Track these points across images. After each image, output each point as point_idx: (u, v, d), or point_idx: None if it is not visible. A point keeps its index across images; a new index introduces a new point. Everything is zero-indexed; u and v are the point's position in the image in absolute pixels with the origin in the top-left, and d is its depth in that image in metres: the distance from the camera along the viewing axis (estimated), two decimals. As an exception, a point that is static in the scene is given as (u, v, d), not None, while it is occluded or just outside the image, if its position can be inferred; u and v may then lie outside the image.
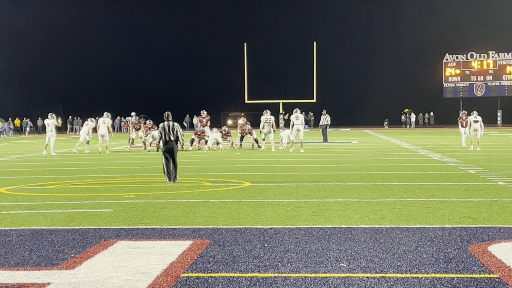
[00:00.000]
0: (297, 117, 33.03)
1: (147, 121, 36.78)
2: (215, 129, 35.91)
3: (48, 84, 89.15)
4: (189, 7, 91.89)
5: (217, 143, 35.17)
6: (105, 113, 35.26)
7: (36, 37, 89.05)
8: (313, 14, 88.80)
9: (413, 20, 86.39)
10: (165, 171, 18.26)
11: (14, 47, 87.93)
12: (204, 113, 37.41)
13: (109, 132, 34.28)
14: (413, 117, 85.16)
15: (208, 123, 37.26)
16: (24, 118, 78.40)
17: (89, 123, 35.29)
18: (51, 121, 33.17)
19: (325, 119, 43.21)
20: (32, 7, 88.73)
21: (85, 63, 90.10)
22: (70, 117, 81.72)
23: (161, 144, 18.48)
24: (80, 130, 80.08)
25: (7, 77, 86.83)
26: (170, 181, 18.06)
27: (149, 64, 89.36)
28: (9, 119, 76.74)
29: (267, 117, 34.08)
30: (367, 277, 7.54)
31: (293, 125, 32.93)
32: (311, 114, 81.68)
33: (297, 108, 34.28)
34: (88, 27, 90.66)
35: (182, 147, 19.55)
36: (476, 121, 32.17)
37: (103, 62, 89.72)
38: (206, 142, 35.59)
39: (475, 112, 32.72)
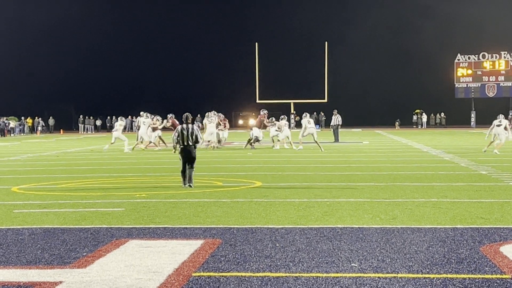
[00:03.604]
0: (309, 121, 33.63)
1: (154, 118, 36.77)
2: (214, 117, 35.55)
3: (60, 84, 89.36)
4: (200, 6, 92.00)
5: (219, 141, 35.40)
6: (144, 114, 36.02)
7: (48, 36, 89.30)
8: (324, 13, 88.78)
9: (425, 19, 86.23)
10: (182, 174, 17.02)
11: (26, 46, 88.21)
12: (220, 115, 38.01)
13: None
14: (424, 118, 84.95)
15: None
16: (36, 118, 78.63)
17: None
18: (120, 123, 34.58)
19: (336, 119, 43.17)
20: (44, 5, 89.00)
21: (96, 62, 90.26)
22: (81, 116, 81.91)
23: (177, 147, 17.28)
24: (90, 129, 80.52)
25: (19, 77, 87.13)
26: (185, 185, 16.79)
27: (160, 64, 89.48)
28: (22, 118, 76.99)
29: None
30: (378, 277, 7.53)
31: (305, 128, 33.31)
32: (322, 114, 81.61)
33: (306, 113, 34.88)
34: (100, 27, 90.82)
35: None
36: (499, 125, 30.85)
37: (114, 62, 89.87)
38: (219, 141, 35.79)
39: (500, 116, 31.17)
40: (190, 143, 16.92)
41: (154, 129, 36.50)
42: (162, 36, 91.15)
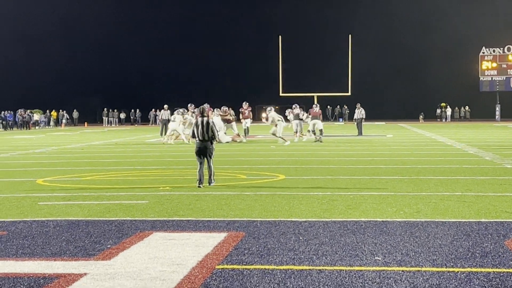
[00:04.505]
0: (280, 117, 34.21)
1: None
2: (216, 112, 35.49)
3: (85, 77, 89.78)
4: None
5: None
6: (176, 111, 36.35)
7: (73, 29, 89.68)
8: (348, 6, 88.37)
9: (449, 13, 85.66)
10: (198, 172, 15.62)
11: (50, 40, 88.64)
12: (246, 104, 38.11)
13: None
14: (449, 111, 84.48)
15: (250, 115, 37.81)
16: (60, 110, 79.08)
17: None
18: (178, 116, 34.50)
19: (360, 112, 43.03)
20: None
21: (121, 55, 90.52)
22: (105, 109, 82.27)
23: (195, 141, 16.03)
24: (114, 122, 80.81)
25: (44, 70, 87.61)
26: (201, 185, 15.42)
27: (183, 57, 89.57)
28: (47, 111, 77.48)
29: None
30: (402, 271, 7.51)
31: (272, 121, 33.84)
32: (346, 107, 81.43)
33: (271, 107, 35.28)
34: (125, 19, 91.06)
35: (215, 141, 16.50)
36: None
37: (138, 55, 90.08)
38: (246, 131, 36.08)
39: None
40: (207, 138, 15.73)
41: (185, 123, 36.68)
42: (186, 29, 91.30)
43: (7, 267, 7.81)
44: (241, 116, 38.68)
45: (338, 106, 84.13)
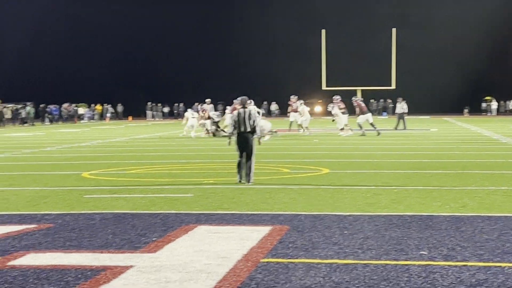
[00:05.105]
0: (259, 112, 34.36)
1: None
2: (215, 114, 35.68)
3: (130, 71, 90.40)
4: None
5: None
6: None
7: (117, 25, 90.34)
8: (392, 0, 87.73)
9: (495, 3, 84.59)
10: (238, 166, 15.15)
11: (94, 35, 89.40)
12: (294, 98, 38.39)
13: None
14: (494, 105, 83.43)
15: (298, 109, 37.91)
16: (105, 104, 79.75)
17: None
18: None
19: (402, 106, 42.82)
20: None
21: (164, 50, 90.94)
22: (149, 103, 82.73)
23: (233, 135, 15.35)
24: (158, 116, 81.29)
25: (89, 64, 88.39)
26: (241, 179, 14.96)
27: (226, 51, 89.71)
28: (91, 105, 78.21)
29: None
30: (448, 266, 7.46)
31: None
32: (390, 101, 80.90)
33: (251, 100, 35.25)
34: (166, 14, 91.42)
35: (260, 141, 15.79)
36: None
37: (181, 49, 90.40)
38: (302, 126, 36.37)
39: None
40: (248, 130, 15.06)
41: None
42: (228, 23, 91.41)
43: (55, 259, 7.91)
44: (289, 110, 38.86)
45: (382, 100, 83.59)
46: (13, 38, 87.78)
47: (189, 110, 38.99)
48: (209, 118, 35.62)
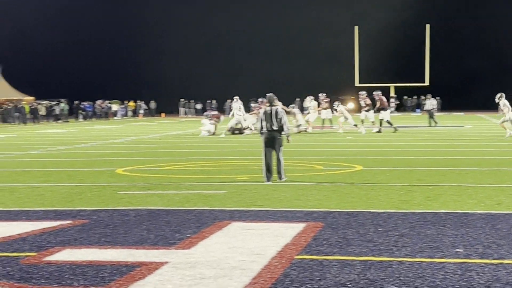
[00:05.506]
0: (240, 108, 34.55)
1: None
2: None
3: (163, 68, 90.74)
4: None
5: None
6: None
7: (150, 23, 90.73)
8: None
9: None
10: (264, 168, 14.86)
11: (126, 33, 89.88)
12: (323, 95, 38.33)
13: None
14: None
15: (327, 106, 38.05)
16: (138, 101, 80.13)
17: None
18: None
19: (431, 103, 42.71)
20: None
21: (196, 47, 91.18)
22: (182, 100, 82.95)
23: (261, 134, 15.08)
24: (191, 113, 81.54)
25: (122, 61, 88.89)
26: (268, 180, 14.60)
27: (260, 47, 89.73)
28: (125, 102, 78.62)
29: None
30: (484, 263, 7.40)
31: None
32: (423, 98, 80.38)
33: (237, 97, 35.00)
34: (200, 12, 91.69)
35: (288, 140, 15.25)
36: None
37: (214, 46, 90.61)
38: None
39: None
40: (275, 128, 14.81)
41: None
42: (261, 21, 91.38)
43: (90, 255, 7.97)
44: (319, 107, 38.78)
45: (415, 97, 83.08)
46: (47, 35, 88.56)
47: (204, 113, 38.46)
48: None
